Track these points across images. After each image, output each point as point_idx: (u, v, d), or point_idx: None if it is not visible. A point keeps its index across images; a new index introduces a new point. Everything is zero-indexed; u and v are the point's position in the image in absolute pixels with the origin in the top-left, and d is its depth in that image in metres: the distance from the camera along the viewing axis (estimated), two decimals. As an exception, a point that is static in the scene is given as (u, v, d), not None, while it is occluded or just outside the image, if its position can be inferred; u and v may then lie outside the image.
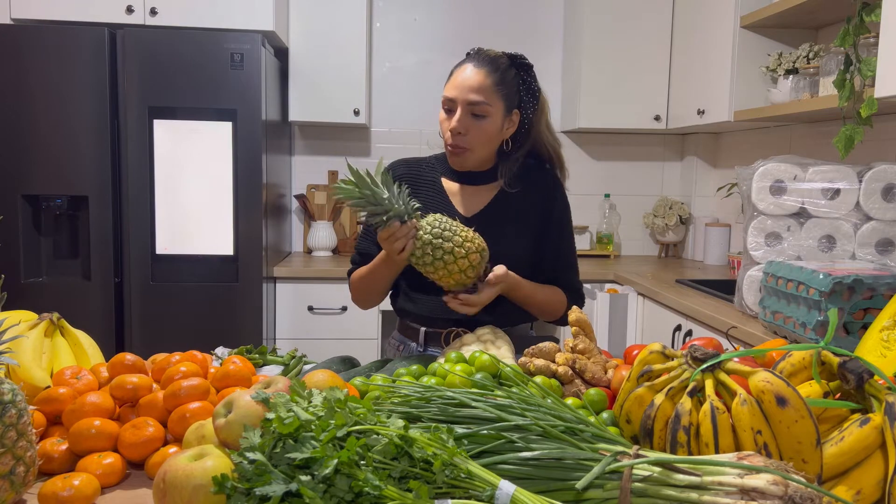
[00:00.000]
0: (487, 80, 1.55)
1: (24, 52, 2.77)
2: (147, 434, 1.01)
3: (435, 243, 1.40)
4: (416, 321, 1.69)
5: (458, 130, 1.56)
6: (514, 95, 1.60)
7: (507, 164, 1.66)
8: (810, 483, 0.71)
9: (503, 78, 1.57)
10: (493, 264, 1.54)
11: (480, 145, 1.59)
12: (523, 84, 1.62)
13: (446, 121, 1.59)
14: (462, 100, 1.55)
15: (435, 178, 1.70)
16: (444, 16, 3.71)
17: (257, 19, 2.98)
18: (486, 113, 1.55)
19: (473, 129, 1.56)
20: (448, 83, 1.60)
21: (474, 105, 1.54)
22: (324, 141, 3.72)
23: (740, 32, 2.81)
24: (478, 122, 1.56)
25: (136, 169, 2.86)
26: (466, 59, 1.60)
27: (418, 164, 1.73)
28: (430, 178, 1.70)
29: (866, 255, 1.99)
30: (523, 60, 1.63)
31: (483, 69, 1.56)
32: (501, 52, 1.61)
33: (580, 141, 3.83)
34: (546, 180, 1.72)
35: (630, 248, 3.92)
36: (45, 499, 0.89)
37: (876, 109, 1.95)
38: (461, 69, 1.58)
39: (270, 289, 3.09)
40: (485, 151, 1.62)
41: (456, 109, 1.56)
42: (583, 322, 1.28)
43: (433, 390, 0.93)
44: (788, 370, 0.96)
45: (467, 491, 0.74)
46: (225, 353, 1.43)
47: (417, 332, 1.68)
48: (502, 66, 1.58)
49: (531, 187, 1.68)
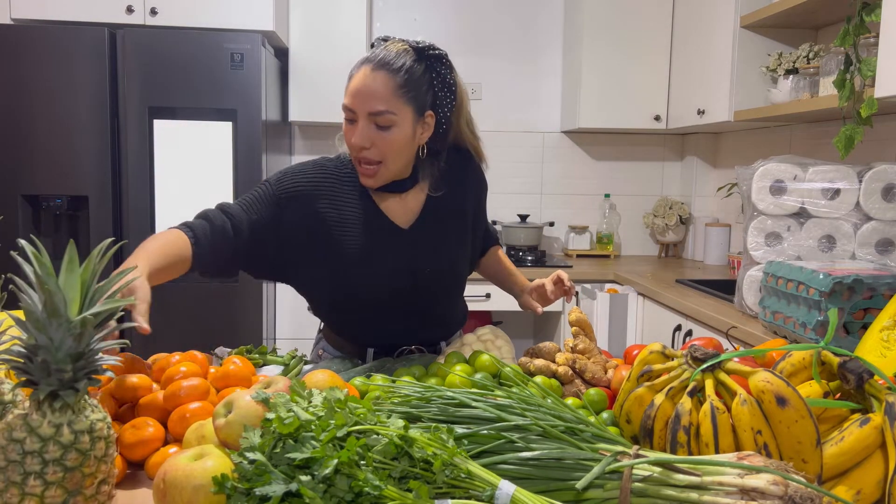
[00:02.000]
0: (389, 84, 1.31)
1: (24, 52, 2.77)
2: (147, 434, 1.01)
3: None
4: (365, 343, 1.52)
5: (362, 145, 1.33)
6: (426, 95, 1.37)
7: (427, 169, 1.47)
8: (810, 483, 0.71)
9: (409, 78, 1.33)
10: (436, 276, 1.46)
11: (391, 158, 1.36)
12: (436, 79, 1.38)
13: (349, 131, 1.36)
14: (361, 110, 1.32)
15: (361, 188, 1.45)
16: (444, 16, 3.71)
17: (257, 19, 2.98)
18: (392, 123, 1.33)
19: (379, 142, 1.34)
20: (346, 88, 1.35)
21: (376, 115, 1.32)
22: (324, 141, 3.72)
23: (740, 32, 2.81)
24: (383, 133, 1.33)
25: (136, 169, 2.86)
26: (364, 61, 1.35)
27: (337, 169, 1.46)
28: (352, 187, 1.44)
29: (866, 255, 1.99)
30: (433, 51, 1.37)
31: (382, 72, 1.32)
32: (405, 45, 1.36)
33: (580, 141, 3.83)
34: (473, 174, 1.57)
35: (630, 248, 3.92)
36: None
37: (876, 109, 1.95)
38: (358, 72, 1.34)
39: (270, 289, 3.09)
40: (398, 164, 1.39)
41: (357, 120, 1.34)
42: (583, 322, 1.28)
43: (433, 390, 0.93)
44: (788, 370, 0.96)
45: (467, 491, 0.74)
46: (225, 353, 1.43)
47: (363, 352, 1.51)
48: (406, 63, 1.33)
49: (459, 185, 1.52)
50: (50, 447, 0.78)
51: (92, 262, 0.82)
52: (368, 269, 1.42)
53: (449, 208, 1.50)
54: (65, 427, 0.79)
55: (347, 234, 1.42)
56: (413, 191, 1.47)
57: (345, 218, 1.42)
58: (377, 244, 1.43)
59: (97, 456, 0.81)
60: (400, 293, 1.45)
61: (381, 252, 1.43)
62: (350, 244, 1.41)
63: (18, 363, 0.79)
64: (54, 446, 0.78)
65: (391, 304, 1.46)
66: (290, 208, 1.40)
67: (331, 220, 1.41)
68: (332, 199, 1.43)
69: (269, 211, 1.40)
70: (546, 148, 3.78)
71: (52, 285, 0.77)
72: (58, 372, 0.78)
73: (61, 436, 0.78)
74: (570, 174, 3.82)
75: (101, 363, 0.83)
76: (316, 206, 1.41)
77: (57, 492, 0.78)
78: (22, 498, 0.77)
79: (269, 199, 1.41)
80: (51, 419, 0.79)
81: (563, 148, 3.82)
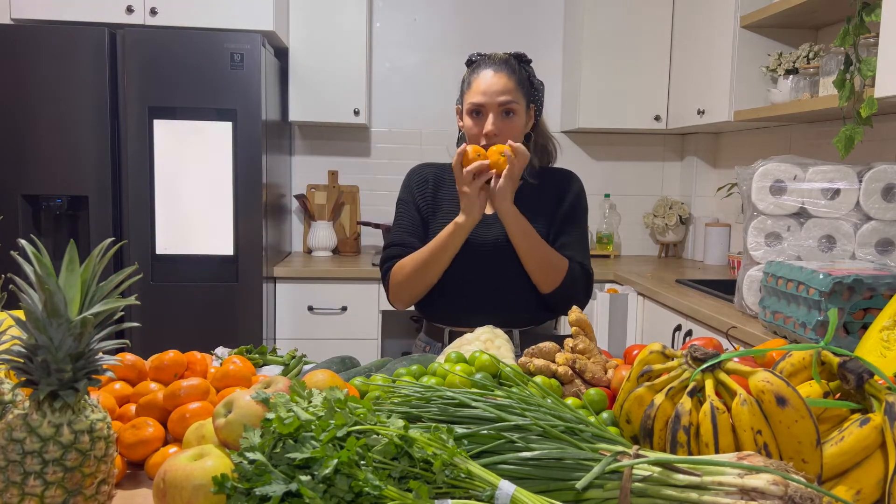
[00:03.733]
0: (511, 80, 1.63)
1: (24, 52, 2.77)
2: (147, 434, 1.01)
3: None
4: (441, 321, 1.72)
5: (495, 133, 1.61)
6: (530, 92, 1.69)
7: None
8: (810, 483, 0.71)
9: (520, 77, 1.66)
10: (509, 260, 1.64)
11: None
12: (532, 78, 1.70)
13: (475, 126, 1.64)
14: (492, 103, 1.61)
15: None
16: (444, 16, 3.71)
17: (257, 19, 2.98)
18: (515, 110, 1.63)
19: (506, 129, 1.62)
20: (470, 91, 1.65)
21: (505, 105, 1.61)
22: (324, 141, 3.72)
23: (740, 32, 2.81)
24: (509, 120, 1.63)
25: (136, 169, 2.86)
26: (481, 65, 1.66)
27: (442, 167, 1.80)
28: (452, 179, 1.74)
29: (866, 255, 1.99)
30: (525, 58, 1.71)
31: (503, 72, 1.63)
32: (505, 54, 1.68)
33: (580, 141, 3.83)
34: (562, 175, 1.80)
35: (630, 248, 3.92)
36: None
37: (876, 109, 1.95)
38: (481, 75, 1.64)
39: (270, 289, 3.09)
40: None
41: (485, 113, 1.62)
42: (583, 322, 1.28)
43: (433, 390, 0.93)
44: (788, 370, 0.96)
45: (467, 491, 0.74)
46: (225, 353, 1.43)
47: (442, 333, 1.71)
48: (515, 65, 1.66)
49: (548, 182, 1.76)
50: (50, 447, 0.78)
51: (92, 262, 0.82)
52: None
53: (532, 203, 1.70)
54: (65, 427, 0.79)
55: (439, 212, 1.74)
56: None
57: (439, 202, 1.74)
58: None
59: (97, 456, 0.81)
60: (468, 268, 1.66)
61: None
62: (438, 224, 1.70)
63: (18, 363, 0.79)
64: (54, 446, 0.78)
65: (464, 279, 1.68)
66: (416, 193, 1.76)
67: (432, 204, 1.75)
68: (438, 187, 1.76)
69: (416, 214, 1.75)
70: (546, 148, 3.78)
71: (52, 285, 0.77)
72: (58, 372, 0.78)
73: (61, 436, 0.78)
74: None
75: (101, 363, 0.83)
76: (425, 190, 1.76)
77: (57, 492, 0.78)
78: (22, 498, 0.77)
79: (409, 204, 1.76)
80: (51, 419, 0.79)
81: (563, 148, 3.79)
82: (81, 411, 0.81)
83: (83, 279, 0.81)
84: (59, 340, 0.78)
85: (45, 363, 0.78)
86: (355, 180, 3.75)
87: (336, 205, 3.65)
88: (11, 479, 0.77)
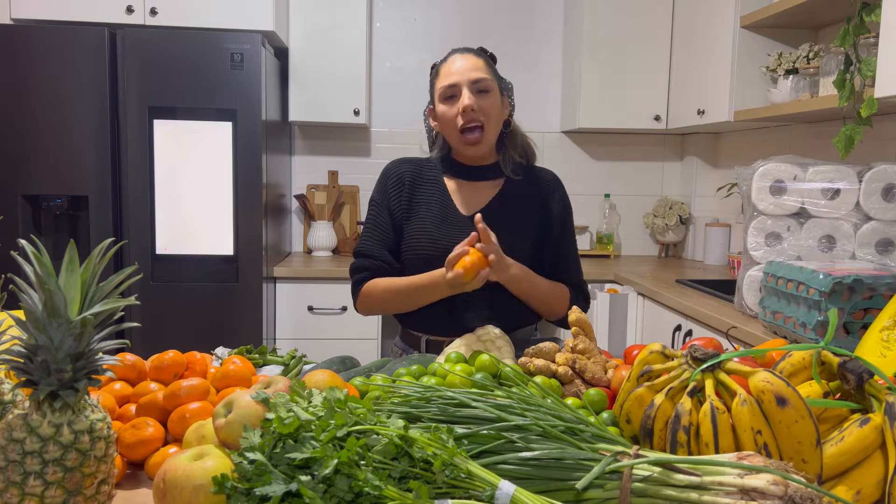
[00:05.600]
0: (480, 60, 1.64)
1: (24, 52, 2.77)
2: (147, 434, 1.01)
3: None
4: (418, 329, 1.70)
5: (472, 107, 1.59)
6: (501, 81, 1.69)
7: (507, 152, 1.72)
8: (810, 483, 0.71)
9: (488, 63, 1.66)
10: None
11: (492, 122, 1.63)
12: (499, 74, 1.70)
13: (451, 109, 1.61)
14: (465, 81, 1.60)
15: (436, 176, 1.73)
16: (443, 16, 3.71)
17: (257, 19, 2.98)
18: (490, 88, 1.62)
19: (483, 105, 1.60)
20: (440, 76, 1.64)
21: (478, 82, 1.60)
22: (324, 141, 3.72)
23: (740, 32, 2.81)
24: (484, 97, 1.61)
25: (136, 169, 2.86)
26: (448, 56, 1.66)
27: (420, 163, 1.76)
28: (431, 175, 1.73)
29: (866, 255, 1.99)
30: (493, 55, 1.71)
31: (471, 54, 1.65)
32: (474, 48, 1.69)
33: (580, 141, 3.83)
34: (546, 178, 1.75)
35: (630, 248, 3.92)
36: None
37: (876, 109, 1.95)
38: (449, 60, 1.64)
39: (270, 289, 3.09)
40: (495, 130, 1.65)
41: (458, 93, 1.60)
42: (583, 322, 1.28)
43: (433, 390, 0.93)
44: (788, 370, 0.96)
45: (467, 491, 0.74)
46: (225, 353, 1.43)
47: (419, 340, 1.69)
48: (483, 54, 1.67)
49: (532, 185, 1.72)
50: (50, 447, 0.78)
51: (92, 262, 0.82)
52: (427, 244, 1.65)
53: (515, 205, 1.68)
54: (65, 427, 0.79)
55: (414, 215, 1.69)
56: (489, 183, 1.70)
57: (415, 205, 1.69)
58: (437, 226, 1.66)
59: (97, 456, 0.81)
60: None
61: (441, 233, 1.65)
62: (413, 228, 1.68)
63: (18, 363, 0.79)
64: (54, 446, 0.78)
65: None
66: (391, 194, 1.71)
67: (407, 207, 1.70)
68: (417, 184, 1.71)
69: (388, 219, 1.71)
70: (546, 148, 3.78)
71: (52, 285, 0.77)
72: (58, 372, 0.78)
73: (61, 436, 0.78)
74: (570, 174, 3.81)
75: (101, 363, 0.83)
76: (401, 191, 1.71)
77: (57, 492, 0.78)
78: (22, 498, 0.77)
79: (382, 207, 1.72)
80: (51, 419, 0.79)
81: (563, 148, 3.82)
82: (81, 411, 0.81)
83: (83, 279, 0.81)
84: (59, 340, 0.78)
85: (45, 363, 0.78)
86: (355, 180, 3.75)
87: (336, 205, 3.65)
88: (11, 480, 0.77)
